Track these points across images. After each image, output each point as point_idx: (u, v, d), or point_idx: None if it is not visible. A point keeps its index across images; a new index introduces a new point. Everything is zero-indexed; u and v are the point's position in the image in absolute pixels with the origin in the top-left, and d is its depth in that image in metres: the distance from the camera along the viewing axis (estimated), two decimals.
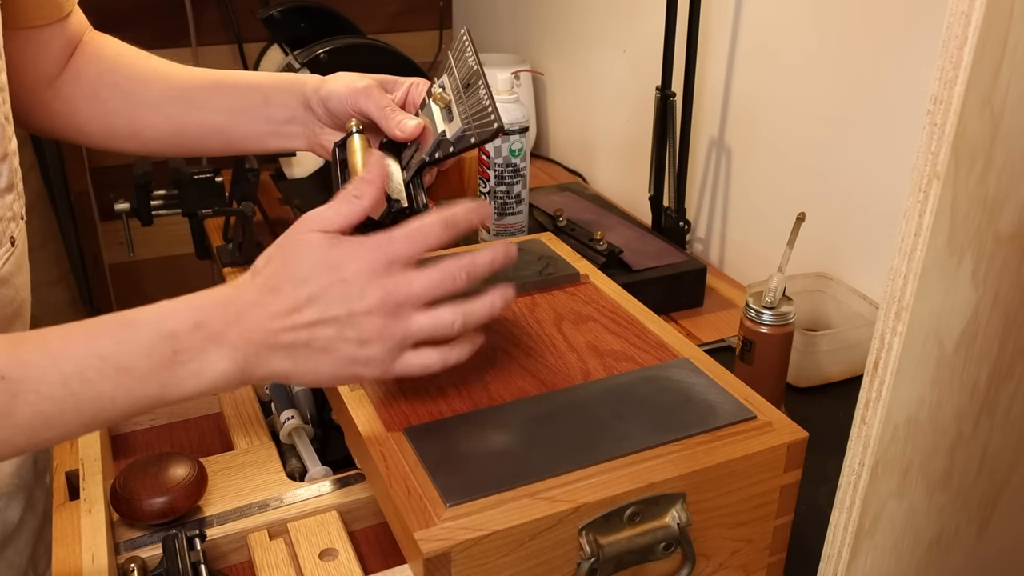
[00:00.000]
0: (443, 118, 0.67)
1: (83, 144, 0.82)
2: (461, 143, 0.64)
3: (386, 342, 0.56)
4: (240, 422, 0.77)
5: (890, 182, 1.00)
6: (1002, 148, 0.41)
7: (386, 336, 0.56)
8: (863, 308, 0.96)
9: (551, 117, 1.74)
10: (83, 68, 0.78)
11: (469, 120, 0.64)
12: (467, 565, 0.53)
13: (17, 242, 0.69)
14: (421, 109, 0.71)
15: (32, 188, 1.74)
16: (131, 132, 0.78)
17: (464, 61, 0.67)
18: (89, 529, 0.59)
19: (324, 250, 0.56)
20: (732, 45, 1.20)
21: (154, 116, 0.78)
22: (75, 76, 0.78)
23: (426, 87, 0.72)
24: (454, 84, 0.68)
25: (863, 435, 0.46)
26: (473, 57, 0.67)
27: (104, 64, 0.79)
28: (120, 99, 0.78)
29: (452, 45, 0.69)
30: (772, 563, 0.66)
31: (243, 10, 1.89)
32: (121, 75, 0.78)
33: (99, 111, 0.78)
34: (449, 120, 0.67)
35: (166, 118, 0.78)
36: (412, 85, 0.73)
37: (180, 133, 0.78)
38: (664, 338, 0.73)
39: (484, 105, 0.63)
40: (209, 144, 0.79)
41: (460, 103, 0.66)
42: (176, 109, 0.77)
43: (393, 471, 0.58)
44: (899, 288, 0.42)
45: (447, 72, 0.69)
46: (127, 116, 0.78)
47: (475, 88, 0.65)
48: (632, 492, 0.57)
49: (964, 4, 0.37)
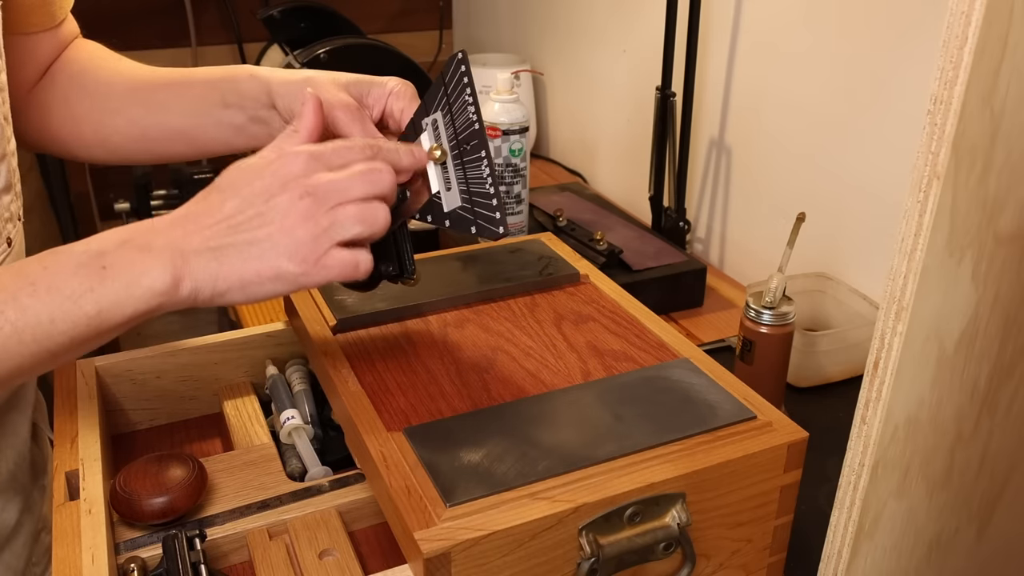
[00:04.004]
0: (436, 173, 0.63)
1: (59, 153, 0.80)
2: (459, 225, 0.61)
3: (311, 229, 0.54)
4: (240, 422, 0.77)
5: (890, 182, 1.00)
6: (1002, 148, 0.41)
7: (311, 222, 0.54)
8: (863, 308, 0.96)
9: (551, 117, 1.74)
10: (58, 74, 0.77)
11: (469, 198, 0.61)
12: (467, 565, 0.53)
13: (14, 243, 0.69)
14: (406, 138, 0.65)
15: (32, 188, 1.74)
16: (99, 138, 0.76)
17: (463, 105, 0.61)
18: (89, 529, 0.59)
19: (246, 163, 0.57)
20: (732, 45, 1.20)
21: (118, 120, 0.75)
22: (50, 82, 0.76)
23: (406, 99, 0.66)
24: (449, 130, 0.62)
25: (863, 435, 0.46)
26: (473, 106, 0.61)
27: (75, 67, 0.77)
28: (87, 103, 0.76)
29: (446, 67, 0.62)
30: (772, 563, 0.66)
31: (243, 10, 1.89)
32: (89, 78, 0.76)
33: (69, 116, 0.76)
34: (443, 176, 0.62)
35: (130, 122, 0.75)
36: (391, 96, 0.67)
37: (144, 137, 0.76)
38: (664, 338, 0.73)
39: (488, 191, 0.60)
40: (175, 148, 0.76)
41: (458, 165, 0.62)
42: (138, 112, 0.75)
43: (393, 471, 0.58)
44: (899, 288, 0.42)
45: (439, 105, 0.63)
46: (94, 122, 0.76)
47: (476, 158, 0.61)
48: (632, 492, 0.57)
49: (964, 4, 0.37)
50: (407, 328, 0.75)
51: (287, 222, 0.54)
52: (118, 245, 0.54)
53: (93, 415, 0.70)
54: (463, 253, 0.87)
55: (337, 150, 0.57)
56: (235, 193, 0.56)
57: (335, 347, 0.71)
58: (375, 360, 0.70)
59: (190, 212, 0.56)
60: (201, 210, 0.56)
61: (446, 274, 0.81)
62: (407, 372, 0.68)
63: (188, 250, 0.54)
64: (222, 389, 0.81)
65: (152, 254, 0.54)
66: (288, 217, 0.54)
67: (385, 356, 0.71)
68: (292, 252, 0.54)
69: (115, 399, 0.78)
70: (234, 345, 0.81)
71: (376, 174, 0.57)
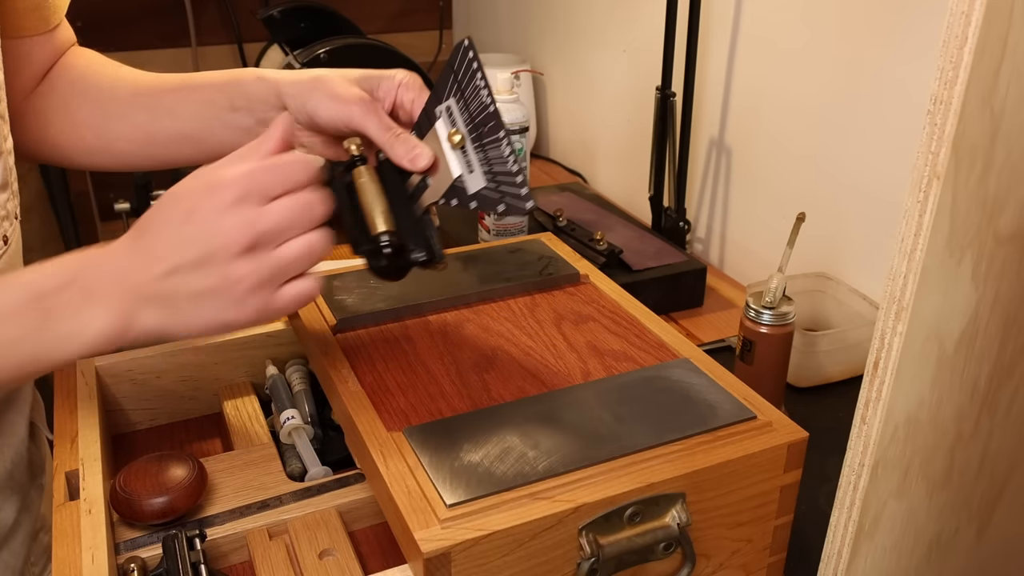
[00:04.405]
0: (456, 158, 0.62)
1: (59, 161, 0.78)
2: (486, 205, 0.61)
3: (255, 279, 0.53)
4: (240, 422, 0.77)
5: (890, 182, 1.00)
6: (1002, 148, 0.41)
7: (254, 273, 0.53)
8: (863, 308, 0.96)
9: (551, 117, 1.74)
10: (56, 80, 0.76)
11: (493, 178, 0.61)
12: (467, 565, 0.53)
13: (10, 241, 0.68)
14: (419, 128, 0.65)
15: (32, 188, 1.74)
16: (103, 144, 0.75)
17: (475, 90, 0.61)
18: (89, 529, 0.59)
19: (181, 192, 0.54)
20: (732, 45, 1.20)
21: (123, 125, 0.74)
22: (49, 88, 0.75)
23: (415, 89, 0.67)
24: (464, 115, 0.62)
25: (863, 435, 0.46)
26: (486, 89, 0.61)
27: (75, 74, 0.76)
28: (89, 109, 0.75)
29: (452, 55, 0.63)
30: (772, 563, 0.66)
31: (243, 10, 1.89)
32: (90, 84, 0.76)
33: (69, 123, 0.75)
34: (464, 160, 0.62)
35: (135, 127, 0.74)
36: (401, 87, 0.67)
37: (150, 142, 0.74)
38: (664, 338, 0.73)
39: (511, 170, 0.60)
40: (183, 152, 0.75)
41: (478, 148, 0.62)
42: (144, 116, 0.74)
43: (393, 471, 0.58)
44: (899, 288, 0.42)
45: (451, 92, 0.63)
46: (97, 127, 0.75)
47: (495, 139, 0.61)
48: (632, 492, 0.57)
49: (964, 4, 0.37)
50: (407, 328, 0.75)
51: (233, 274, 0.53)
52: (61, 287, 0.52)
53: (93, 415, 0.70)
54: (463, 253, 0.87)
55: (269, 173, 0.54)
56: (173, 230, 0.53)
57: (335, 347, 0.71)
58: (375, 360, 0.70)
59: (135, 248, 0.54)
60: (145, 246, 0.54)
61: (446, 274, 0.81)
62: (407, 372, 0.68)
63: (137, 297, 0.53)
64: (222, 389, 0.81)
65: (98, 301, 0.52)
66: (233, 268, 0.53)
67: (385, 356, 0.71)
68: (241, 304, 0.53)
69: (115, 399, 0.78)
70: (234, 345, 0.81)
71: (308, 208, 0.55)
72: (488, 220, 1.17)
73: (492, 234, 1.17)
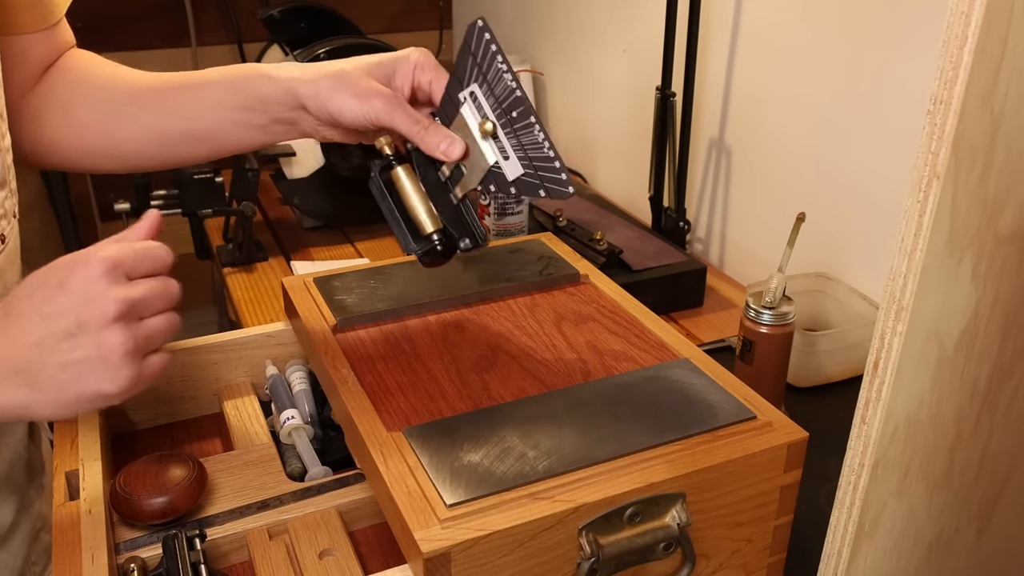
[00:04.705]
0: (489, 145, 0.62)
1: (55, 164, 0.77)
2: (526, 191, 0.61)
3: (123, 352, 0.54)
4: (240, 422, 0.77)
5: (890, 182, 1.00)
6: (1002, 148, 0.41)
7: (130, 339, 0.54)
8: (863, 308, 0.96)
9: (551, 117, 1.74)
10: (55, 81, 0.75)
11: (530, 164, 0.60)
12: (467, 565, 0.53)
13: (8, 240, 0.68)
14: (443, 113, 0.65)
15: (32, 188, 1.74)
16: (107, 147, 0.74)
17: (497, 73, 0.61)
18: (89, 529, 0.59)
19: (47, 270, 0.55)
20: (732, 45, 1.20)
21: (133, 127, 0.73)
22: (48, 89, 0.74)
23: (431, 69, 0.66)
24: (490, 100, 0.62)
25: (863, 435, 0.46)
26: (509, 73, 0.61)
27: (73, 75, 0.75)
28: (90, 111, 0.74)
29: (467, 36, 0.62)
30: (772, 563, 0.66)
31: (243, 10, 1.89)
32: (90, 86, 0.74)
33: (68, 125, 0.74)
34: (498, 147, 0.62)
35: (145, 127, 0.73)
36: (416, 69, 0.66)
37: (161, 142, 0.73)
38: (664, 338, 0.73)
39: (548, 155, 0.60)
40: (194, 151, 0.74)
41: (510, 134, 0.61)
42: (152, 117, 0.73)
43: (393, 471, 0.58)
44: (899, 288, 0.42)
45: (472, 77, 0.62)
46: (100, 130, 0.74)
47: (526, 125, 0.60)
48: (632, 492, 0.57)
49: (964, 4, 0.37)
50: (407, 328, 0.75)
51: (108, 341, 0.53)
52: None
53: (93, 415, 0.70)
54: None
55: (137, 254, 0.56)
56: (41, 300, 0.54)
57: (335, 347, 0.71)
58: (375, 360, 0.70)
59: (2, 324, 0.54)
60: (12, 322, 0.54)
61: (446, 274, 0.81)
62: (407, 372, 0.68)
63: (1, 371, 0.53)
64: (222, 389, 0.81)
65: None
66: (107, 335, 0.53)
67: (385, 356, 0.71)
68: (117, 370, 0.54)
69: None
70: (234, 345, 0.81)
71: (168, 287, 0.57)
72: (488, 220, 1.17)
73: (492, 234, 1.17)
